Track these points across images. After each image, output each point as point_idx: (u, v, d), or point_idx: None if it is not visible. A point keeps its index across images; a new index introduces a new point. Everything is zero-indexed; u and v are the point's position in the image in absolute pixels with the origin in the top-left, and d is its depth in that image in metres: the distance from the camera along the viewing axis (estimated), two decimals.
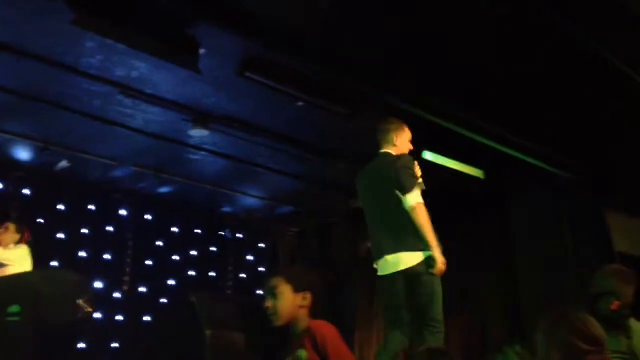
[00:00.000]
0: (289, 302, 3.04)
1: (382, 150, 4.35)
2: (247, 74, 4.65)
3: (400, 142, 4.35)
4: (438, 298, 3.96)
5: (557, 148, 5.99)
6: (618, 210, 6.97)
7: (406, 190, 4.02)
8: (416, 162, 4.20)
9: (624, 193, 6.59)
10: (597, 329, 2.47)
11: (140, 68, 4.73)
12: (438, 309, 3.94)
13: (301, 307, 3.05)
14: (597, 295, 3.94)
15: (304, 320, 3.05)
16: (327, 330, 2.96)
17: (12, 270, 5.49)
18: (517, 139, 5.80)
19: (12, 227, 5.74)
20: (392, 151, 4.31)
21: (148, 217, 7.64)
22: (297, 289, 3.07)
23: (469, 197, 6.79)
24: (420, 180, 4.14)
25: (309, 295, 3.08)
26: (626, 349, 3.49)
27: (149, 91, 5.11)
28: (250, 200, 7.77)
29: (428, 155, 5.99)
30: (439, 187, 4.53)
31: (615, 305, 3.73)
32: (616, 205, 6.87)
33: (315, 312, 3.09)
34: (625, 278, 3.87)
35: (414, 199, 4.01)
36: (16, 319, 3.54)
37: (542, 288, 6.34)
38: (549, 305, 4.55)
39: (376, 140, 4.41)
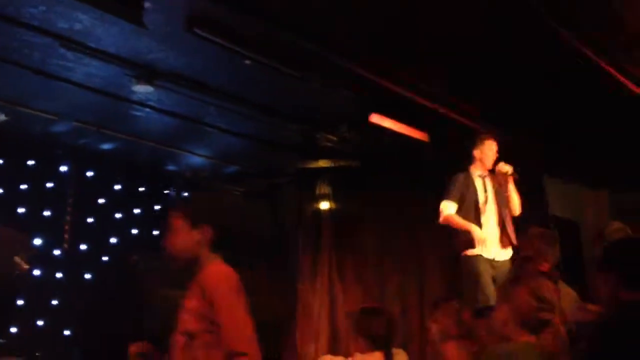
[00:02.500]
0: (184, 238, 2.65)
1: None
2: (196, 30, 4.56)
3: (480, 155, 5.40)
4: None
5: (499, 112, 6.15)
6: (554, 175, 7.24)
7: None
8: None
9: (560, 159, 6.83)
10: (550, 291, 2.62)
11: (83, 20, 4.56)
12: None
13: (199, 242, 2.66)
14: (525, 258, 4.12)
15: (204, 260, 2.67)
16: (219, 282, 2.56)
17: None
18: (460, 102, 5.92)
19: None
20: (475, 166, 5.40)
21: (90, 173, 7.47)
22: (194, 223, 2.66)
23: (417, 160, 6.90)
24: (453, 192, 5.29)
25: (208, 229, 2.67)
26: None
27: (91, 44, 4.94)
28: (197, 159, 7.68)
29: (375, 118, 6.05)
30: (387, 150, 4.61)
31: (544, 266, 3.91)
32: (552, 171, 7.14)
33: (220, 247, 2.70)
34: (548, 240, 4.06)
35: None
36: None
37: None
38: None
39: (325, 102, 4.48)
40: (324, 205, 8.04)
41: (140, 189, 7.97)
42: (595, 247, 3.88)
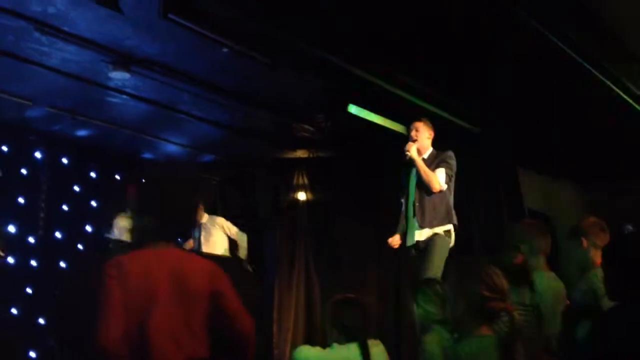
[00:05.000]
0: None
1: None
2: (170, 16, 4.54)
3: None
4: None
5: (473, 105, 6.19)
6: (527, 168, 7.31)
7: None
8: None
9: (533, 152, 6.89)
10: (500, 278, 2.61)
11: (57, 3, 4.52)
12: None
13: None
14: (503, 249, 4.14)
15: None
16: None
17: None
18: (436, 95, 5.96)
19: None
20: None
21: (64, 160, 7.41)
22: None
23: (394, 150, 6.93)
24: None
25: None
26: (529, 302, 3.69)
27: (66, 29, 4.90)
28: (172, 147, 7.66)
29: (353, 109, 6.06)
30: (364, 141, 4.64)
31: (519, 258, 3.93)
32: (526, 164, 7.20)
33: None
34: (532, 232, 4.06)
35: None
36: None
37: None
38: (457, 257, 4.79)
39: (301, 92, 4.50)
40: (301, 195, 8.04)
41: (116, 177, 7.92)
42: (569, 241, 3.89)
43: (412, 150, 5.23)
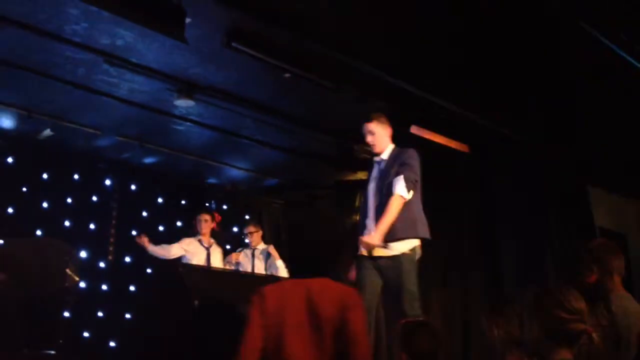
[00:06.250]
0: None
1: None
2: (233, 44, 4.62)
3: None
4: None
5: (541, 124, 6.04)
6: (598, 185, 7.07)
7: None
8: None
9: (603, 169, 6.67)
10: (578, 300, 2.53)
11: (125, 36, 4.67)
12: None
13: None
14: (578, 269, 4.00)
15: None
16: None
17: None
18: (502, 114, 5.84)
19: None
20: None
21: (133, 187, 7.61)
22: None
23: (453, 171, 6.83)
24: None
25: None
26: (606, 322, 3.55)
27: (133, 60, 5.06)
28: (236, 171, 7.77)
29: (414, 129, 6.01)
30: (425, 161, 4.56)
31: (592, 278, 3.79)
32: (596, 181, 6.97)
33: None
34: (606, 251, 3.91)
35: None
36: (2, 287, 3.54)
37: (522, 261, 6.44)
38: (531, 280, 4.63)
39: (363, 112, 4.47)
40: None
41: (182, 202, 8.07)
42: None
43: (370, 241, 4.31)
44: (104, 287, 7.05)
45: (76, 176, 7.12)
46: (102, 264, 7.12)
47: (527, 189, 6.57)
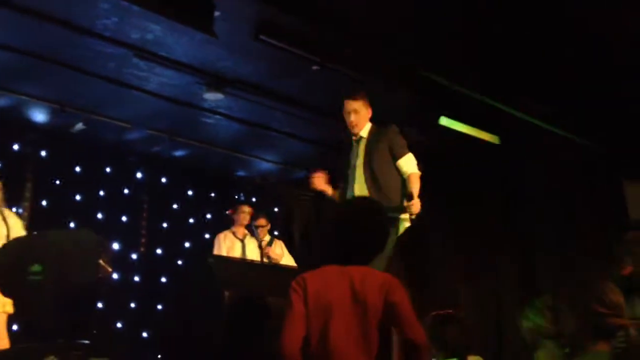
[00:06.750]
0: None
1: None
2: (262, 37, 4.64)
3: None
4: None
5: (574, 115, 5.95)
6: (632, 178, 6.94)
7: None
8: None
9: (638, 162, 6.55)
10: (615, 294, 2.52)
11: (155, 30, 4.72)
12: None
13: None
14: (612, 261, 3.94)
15: None
16: None
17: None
18: (534, 105, 5.76)
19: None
20: None
21: (163, 180, 7.69)
22: None
23: (485, 163, 6.77)
24: None
25: None
26: None
27: (163, 54, 5.11)
28: (265, 164, 7.80)
29: (444, 121, 5.96)
30: (454, 153, 4.53)
31: (626, 270, 3.73)
32: (630, 174, 6.84)
33: None
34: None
35: None
36: (38, 277, 3.60)
37: (556, 255, 6.36)
38: (564, 273, 4.57)
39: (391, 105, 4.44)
40: None
41: (211, 194, 8.13)
42: None
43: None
44: (136, 278, 7.14)
45: (108, 169, 7.21)
46: (134, 256, 7.21)
47: (559, 181, 6.48)
